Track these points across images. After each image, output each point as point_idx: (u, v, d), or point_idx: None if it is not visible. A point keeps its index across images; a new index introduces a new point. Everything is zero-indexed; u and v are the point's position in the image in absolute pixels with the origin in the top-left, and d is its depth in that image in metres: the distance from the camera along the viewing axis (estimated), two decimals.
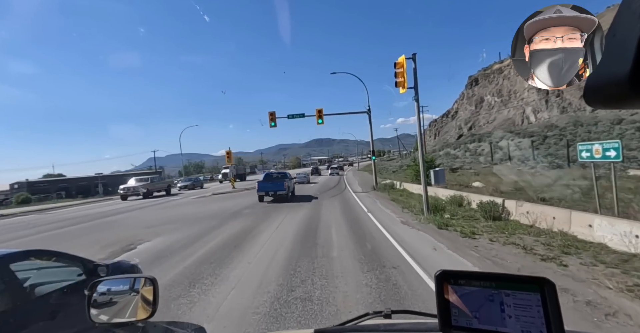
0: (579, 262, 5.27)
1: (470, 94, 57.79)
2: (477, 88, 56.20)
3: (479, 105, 54.15)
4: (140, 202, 23.17)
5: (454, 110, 69.74)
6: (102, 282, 1.38)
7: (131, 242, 8.83)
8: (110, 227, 12.06)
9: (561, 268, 5.11)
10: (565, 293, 4.14)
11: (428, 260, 5.86)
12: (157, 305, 1.31)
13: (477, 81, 56.49)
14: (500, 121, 46.80)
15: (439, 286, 0.87)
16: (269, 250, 7.10)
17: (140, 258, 6.55)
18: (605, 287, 4.26)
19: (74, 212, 19.94)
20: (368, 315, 1.34)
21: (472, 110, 55.65)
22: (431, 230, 8.38)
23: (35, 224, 14.96)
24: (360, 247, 7.04)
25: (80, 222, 14.21)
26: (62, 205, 28.15)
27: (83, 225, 13.11)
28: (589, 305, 3.82)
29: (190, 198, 22.74)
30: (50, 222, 15.49)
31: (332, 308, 4.02)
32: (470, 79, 59.44)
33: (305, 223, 10.40)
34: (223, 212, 13.68)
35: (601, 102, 0.50)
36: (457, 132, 56.28)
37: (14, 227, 14.50)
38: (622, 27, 0.46)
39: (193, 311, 4.09)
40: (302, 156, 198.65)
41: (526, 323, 0.77)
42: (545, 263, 5.42)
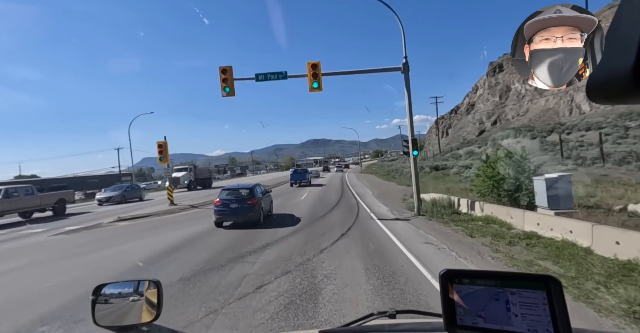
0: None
1: (492, 83, 49.33)
2: (501, 75, 47.76)
3: (505, 95, 45.75)
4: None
5: (465, 104, 61.36)
6: (106, 285, 1.34)
7: None
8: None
9: None
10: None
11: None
12: (161, 308, 1.26)
13: (501, 67, 48.02)
14: (537, 113, 38.30)
15: (443, 285, 0.86)
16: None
17: None
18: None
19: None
20: (373, 315, 1.35)
21: (495, 101, 47.23)
22: None
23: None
24: None
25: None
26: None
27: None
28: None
29: (47, 234, 11.58)
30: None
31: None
32: (491, 66, 51.01)
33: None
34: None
35: (604, 98, 0.49)
36: (477, 128, 47.78)
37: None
38: (624, 22, 0.45)
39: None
40: (297, 156, 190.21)
41: (532, 322, 0.76)
42: None
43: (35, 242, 10.46)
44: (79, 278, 6.04)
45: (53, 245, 9.79)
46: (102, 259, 7.54)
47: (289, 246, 7.63)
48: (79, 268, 6.86)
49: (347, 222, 10.28)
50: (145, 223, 13.19)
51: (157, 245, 8.50)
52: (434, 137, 78.01)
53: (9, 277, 6.65)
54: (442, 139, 69.47)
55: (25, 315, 4.44)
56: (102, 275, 6.06)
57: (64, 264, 7.31)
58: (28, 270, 7.09)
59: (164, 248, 8.08)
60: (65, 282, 5.88)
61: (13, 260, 8.01)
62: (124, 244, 9.09)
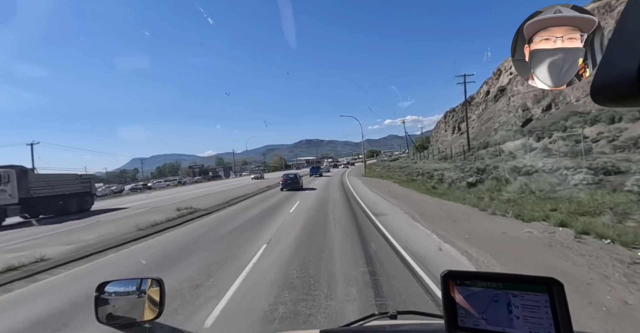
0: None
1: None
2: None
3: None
4: None
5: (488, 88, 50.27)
6: (109, 283, 1.36)
7: None
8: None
9: None
10: None
11: None
12: (163, 306, 1.28)
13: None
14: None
15: (444, 286, 0.85)
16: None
17: None
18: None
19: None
20: (374, 316, 1.34)
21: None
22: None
23: None
24: None
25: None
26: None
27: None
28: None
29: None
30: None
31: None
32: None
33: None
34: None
35: (610, 100, 0.48)
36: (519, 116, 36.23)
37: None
38: (630, 23, 0.44)
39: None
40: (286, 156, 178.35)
41: (534, 325, 0.76)
42: None
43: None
44: None
45: None
46: None
47: None
48: None
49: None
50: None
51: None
52: (442, 133, 66.61)
53: None
54: (452, 136, 57.86)
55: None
56: None
57: None
58: None
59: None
60: None
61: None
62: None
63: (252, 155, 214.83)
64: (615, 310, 3.48)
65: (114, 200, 30.71)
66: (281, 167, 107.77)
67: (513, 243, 6.37)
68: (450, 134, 57.81)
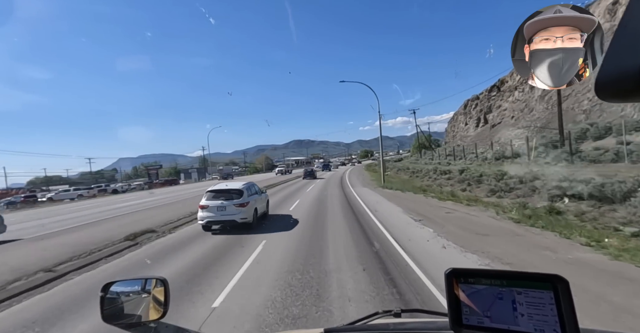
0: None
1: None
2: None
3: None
4: None
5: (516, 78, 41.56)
6: (114, 283, 1.35)
7: None
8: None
9: None
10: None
11: None
12: (168, 306, 1.27)
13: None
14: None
15: (449, 284, 0.84)
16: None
17: None
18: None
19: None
20: (378, 314, 1.33)
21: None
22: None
23: None
24: None
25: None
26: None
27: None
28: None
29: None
30: None
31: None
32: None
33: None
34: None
35: (614, 96, 0.48)
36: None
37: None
38: (634, 19, 0.44)
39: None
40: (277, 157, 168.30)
41: (539, 322, 0.75)
42: None
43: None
44: None
45: None
46: None
47: None
48: None
49: None
50: None
51: None
52: (461, 127, 57.66)
53: None
54: (477, 129, 49.15)
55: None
56: None
57: None
58: None
59: None
60: None
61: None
62: None
63: (240, 155, 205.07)
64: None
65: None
66: (268, 168, 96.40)
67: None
68: (474, 127, 48.73)
